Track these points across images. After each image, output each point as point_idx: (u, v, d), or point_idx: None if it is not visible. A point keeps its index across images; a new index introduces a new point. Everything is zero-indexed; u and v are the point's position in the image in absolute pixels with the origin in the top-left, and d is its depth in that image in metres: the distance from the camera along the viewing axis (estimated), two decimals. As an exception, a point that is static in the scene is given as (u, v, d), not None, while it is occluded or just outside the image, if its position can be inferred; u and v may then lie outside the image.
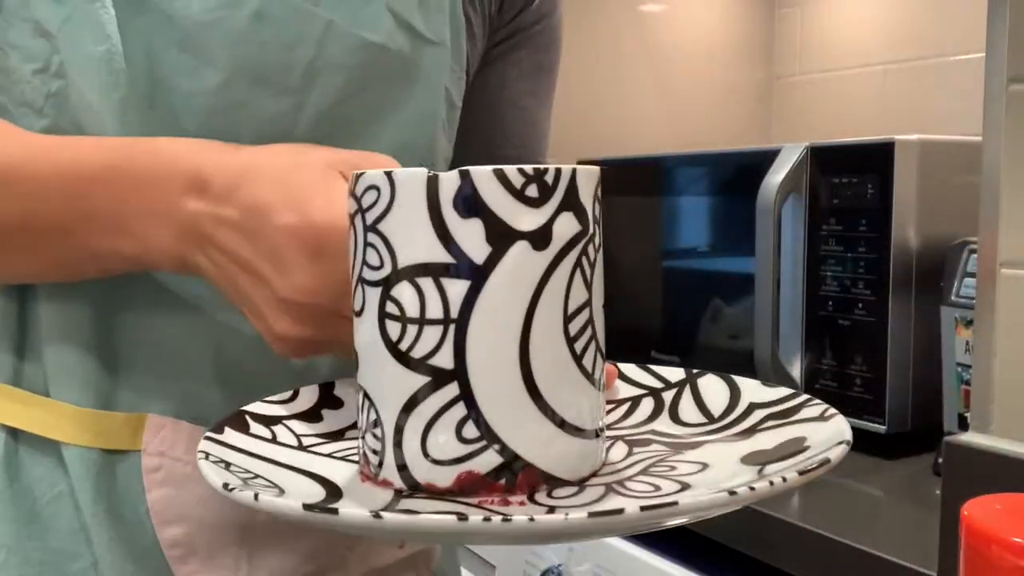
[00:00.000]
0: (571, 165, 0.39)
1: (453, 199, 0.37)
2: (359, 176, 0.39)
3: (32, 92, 0.55)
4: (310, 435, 0.47)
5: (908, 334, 1.06)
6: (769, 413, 0.46)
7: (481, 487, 0.38)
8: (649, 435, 0.47)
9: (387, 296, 0.38)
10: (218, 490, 0.37)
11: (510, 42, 0.70)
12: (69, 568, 0.58)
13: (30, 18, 0.55)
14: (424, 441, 0.38)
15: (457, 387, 0.37)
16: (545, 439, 0.39)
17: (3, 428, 0.59)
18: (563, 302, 0.39)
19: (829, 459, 0.37)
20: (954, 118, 1.49)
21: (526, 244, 0.37)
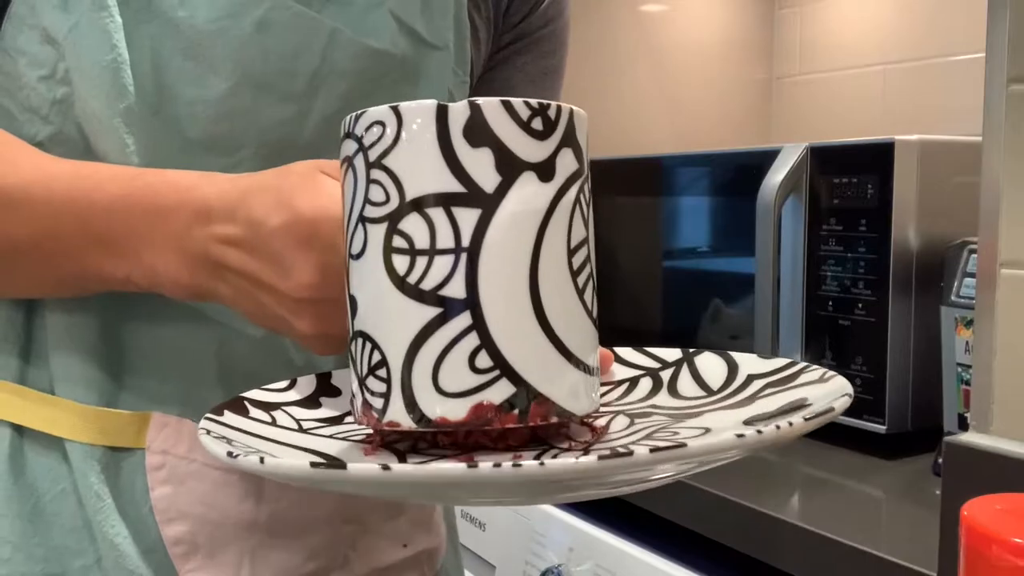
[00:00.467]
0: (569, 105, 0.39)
1: (463, 128, 0.37)
2: (360, 115, 0.39)
3: (38, 98, 0.56)
4: (309, 419, 0.47)
5: (908, 334, 1.06)
6: (768, 382, 0.46)
7: (495, 417, 0.38)
8: (649, 408, 0.47)
9: (394, 230, 0.38)
10: (221, 458, 0.36)
11: (515, 46, 0.70)
12: (73, 564, 0.58)
13: (37, 25, 0.55)
14: (436, 374, 0.37)
15: (470, 317, 0.37)
16: (554, 369, 0.39)
17: (8, 425, 0.59)
18: (567, 235, 0.39)
19: (833, 408, 0.37)
20: (954, 118, 1.49)
21: (533, 175, 0.38)
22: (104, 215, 0.52)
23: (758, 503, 0.91)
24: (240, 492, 0.59)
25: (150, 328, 0.58)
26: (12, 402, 0.59)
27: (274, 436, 0.44)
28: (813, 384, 0.43)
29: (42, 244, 0.53)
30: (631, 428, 0.45)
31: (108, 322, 0.58)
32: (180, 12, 0.54)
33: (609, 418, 0.47)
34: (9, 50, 0.56)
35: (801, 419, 0.35)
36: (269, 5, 0.56)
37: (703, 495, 0.96)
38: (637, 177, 1.44)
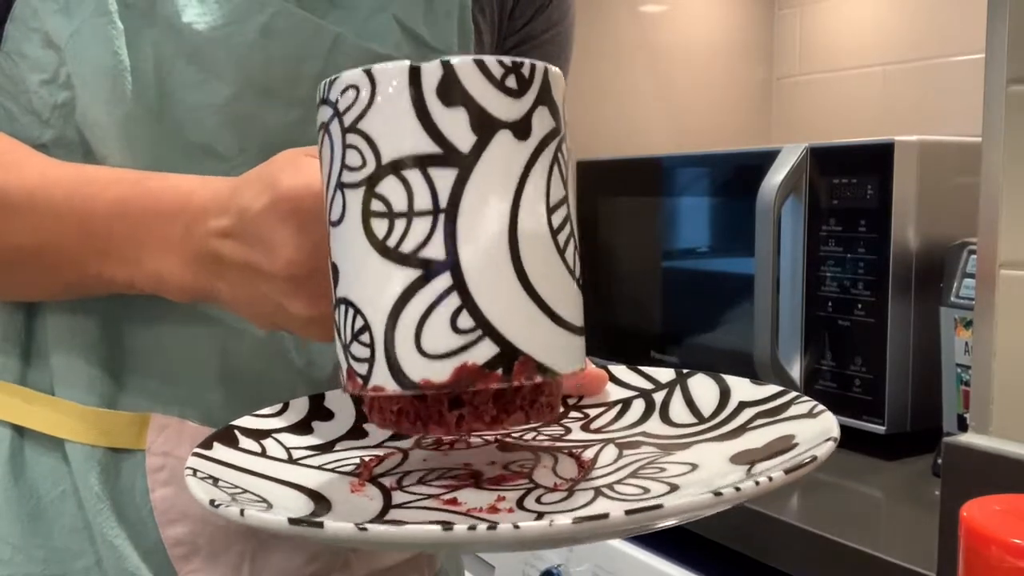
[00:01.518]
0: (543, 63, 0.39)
1: (436, 88, 0.37)
2: (333, 80, 0.38)
3: (39, 102, 0.56)
4: (300, 447, 0.47)
5: (907, 335, 1.06)
6: (759, 411, 0.46)
7: (479, 378, 0.37)
8: (640, 437, 0.47)
9: (371, 194, 0.37)
10: (205, 506, 0.36)
11: (519, 50, 0.70)
12: (73, 566, 0.58)
13: (39, 29, 0.55)
14: (419, 336, 0.37)
15: (450, 277, 0.37)
16: (537, 328, 0.38)
17: (9, 426, 0.59)
18: (545, 193, 0.38)
19: (816, 456, 0.36)
20: (954, 119, 1.49)
21: (509, 133, 0.37)
22: (106, 221, 0.52)
23: (757, 504, 0.91)
24: None
25: (151, 329, 0.58)
26: (13, 403, 0.59)
27: (262, 470, 0.43)
28: (802, 419, 0.43)
29: (45, 249, 0.53)
30: (618, 462, 0.44)
31: (109, 323, 0.58)
32: (184, 18, 0.54)
33: (598, 449, 0.46)
34: (11, 53, 0.56)
35: (781, 472, 0.35)
36: (273, 11, 0.56)
37: (702, 495, 0.96)
38: (637, 177, 1.44)
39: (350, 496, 0.42)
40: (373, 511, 0.40)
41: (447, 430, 0.39)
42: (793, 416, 0.44)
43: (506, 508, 0.39)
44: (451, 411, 0.39)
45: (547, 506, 0.40)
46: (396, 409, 0.40)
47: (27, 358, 0.59)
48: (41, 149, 0.57)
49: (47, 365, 0.59)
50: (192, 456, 0.42)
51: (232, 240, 0.47)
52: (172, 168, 0.55)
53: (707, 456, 0.43)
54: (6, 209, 0.53)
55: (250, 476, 0.42)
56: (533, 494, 0.41)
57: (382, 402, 0.40)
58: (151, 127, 0.55)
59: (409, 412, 0.40)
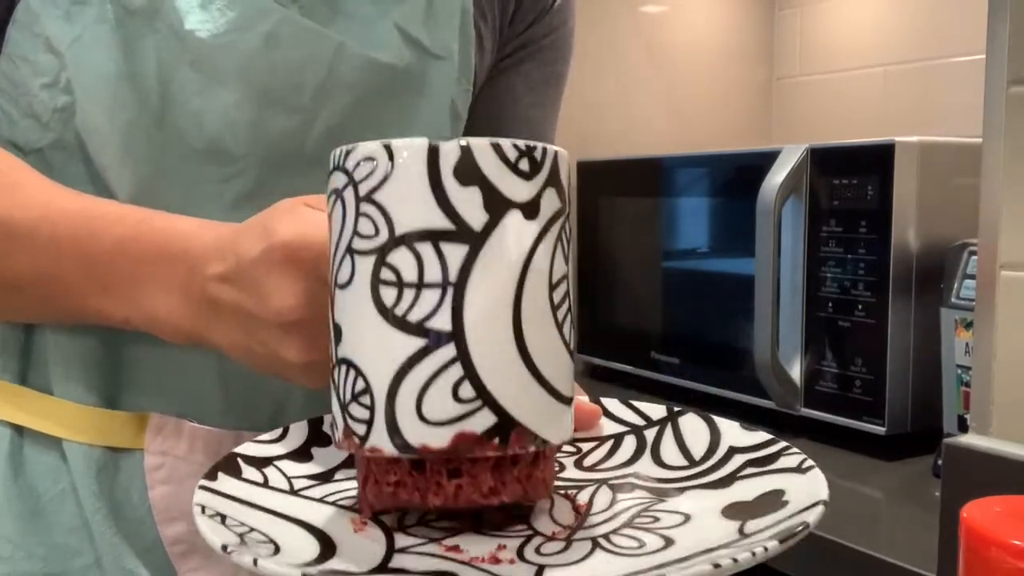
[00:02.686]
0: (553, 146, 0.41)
1: (453, 168, 0.38)
2: (350, 150, 0.40)
3: (40, 105, 0.56)
4: (301, 477, 0.48)
5: (908, 336, 1.06)
6: (748, 459, 0.47)
7: (476, 446, 0.39)
8: (632, 479, 0.48)
9: (382, 263, 0.39)
10: (217, 551, 0.37)
11: (520, 54, 0.70)
12: (72, 564, 0.58)
13: (41, 34, 0.55)
14: (420, 403, 0.38)
15: (454, 348, 0.38)
16: (534, 400, 0.40)
17: (8, 425, 0.59)
18: (549, 271, 0.40)
19: (807, 523, 0.38)
20: (954, 120, 1.49)
21: (519, 213, 0.39)
22: (107, 259, 0.52)
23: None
24: None
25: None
26: (12, 402, 0.59)
27: (267, 503, 0.44)
28: (791, 473, 0.44)
29: (44, 280, 0.54)
30: (612, 508, 0.45)
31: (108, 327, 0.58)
32: (186, 25, 0.54)
33: (592, 491, 0.47)
34: (13, 56, 0.56)
35: (776, 543, 0.36)
36: (277, 19, 0.56)
37: (702, 496, 0.96)
38: (637, 178, 1.44)
39: (353, 536, 0.42)
40: (377, 555, 0.40)
41: (445, 500, 0.40)
42: (783, 469, 0.45)
43: (507, 559, 0.40)
44: (449, 481, 0.40)
45: (547, 557, 0.40)
46: (394, 482, 0.41)
47: (26, 358, 0.59)
48: (40, 153, 0.57)
49: (46, 365, 0.59)
50: (199, 490, 0.43)
51: (228, 285, 0.47)
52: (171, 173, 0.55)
53: (699, 506, 0.44)
54: (8, 237, 0.53)
55: (255, 511, 0.43)
56: (532, 543, 0.42)
57: (377, 476, 0.41)
58: (152, 133, 0.55)
59: (407, 484, 0.41)
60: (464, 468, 0.40)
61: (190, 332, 0.51)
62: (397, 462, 0.40)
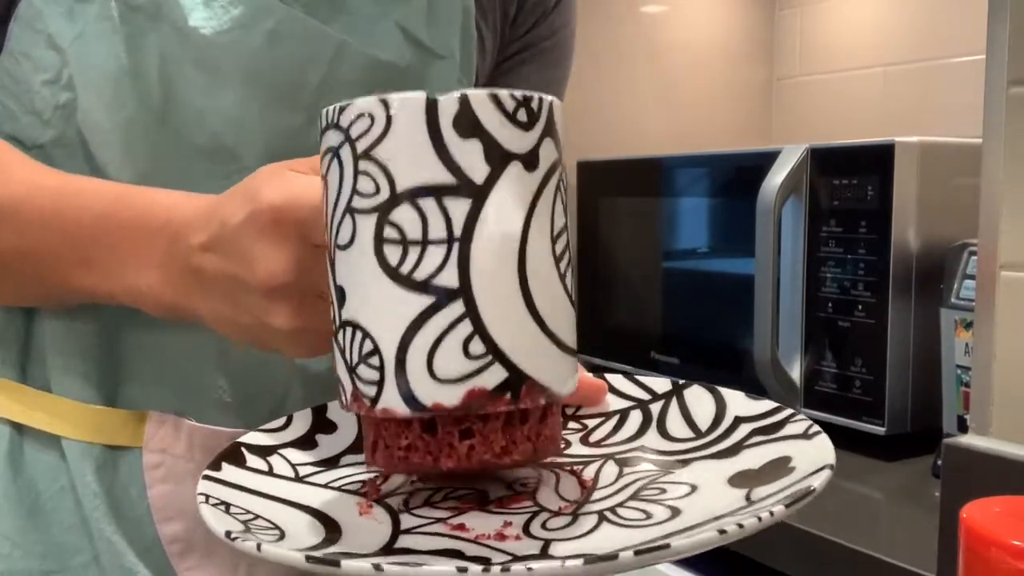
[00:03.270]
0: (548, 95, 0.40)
1: (453, 121, 0.37)
2: (345, 107, 0.39)
3: (41, 102, 0.56)
4: (306, 463, 0.48)
5: (908, 336, 1.06)
6: (754, 428, 0.46)
7: (488, 402, 0.38)
8: (638, 452, 0.48)
9: (385, 221, 0.38)
10: (221, 538, 0.37)
11: (521, 56, 0.70)
12: (71, 562, 0.58)
13: (43, 30, 0.55)
14: (431, 361, 0.38)
15: (463, 304, 0.38)
16: (541, 353, 0.39)
17: (7, 423, 0.59)
18: (550, 223, 0.40)
19: (813, 487, 0.38)
20: (954, 120, 1.49)
21: (519, 165, 0.38)
22: (89, 233, 0.52)
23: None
24: None
25: (148, 328, 0.58)
26: (11, 400, 0.59)
27: (271, 490, 0.44)
28: (797, 439, 0.44)
29: (27, 258, 0.54)
30: (619, 482, 0.45)
31: (107, 321, 0.58)
32: (190, 22, 0.55)
33: (598, 466, 0.47)
34: (15, 52, 0.56)
35: (782, 507, 0.36)
36: (280, 17, 0.56)
37: (702, 496, 0.96)
38: (637, 178, 1.44)
39: (359, 519, 0.42)
40: (383, 536, 0.40)
41: (458, 461, 0.40)
42: (789, 436, 0.44)
43: (513, 535, 0.40)
44: (461, 442, 0.40)
45: (553, 532, 0.40)
46: (405, 446, 0.40)
47: (25, 355, 0.60)
48: (41, 149, 0.57)
49: (44, 361, 0.59)
50: (203, 480, 0.43)
51: (211, 253, 0.47)
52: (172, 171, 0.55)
53: (705, 476, 0.44)
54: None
55: (260, 499, 0.43)
56: (538, 519, 0.42)
57: (387, 440, 0.41)
58: (153, 130, 0.55)
59: (419, 447, 0.40)
60: (476, 428, 0.40)
61: (172, 305, 0.50)
62: (408, 425, 0.40)
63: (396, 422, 0.40)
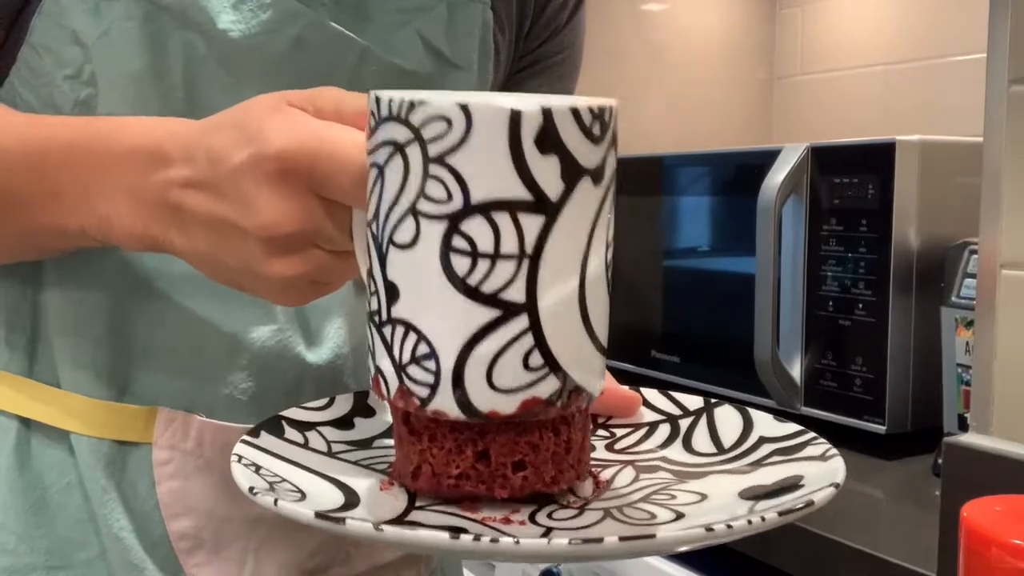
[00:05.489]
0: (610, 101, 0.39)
1: (535, 136, 0.37)
2: (418, 103, 0.37)
3: (61, 96, 0.56)
4: (340, 442, 0.48)
5: (908, 334, 1.06)
6: (776, 448, 0.47)
7: (541, 410, 0.39)
8: (659, 462, 0.48)
9: (455, 230, 0.37)
10: (245, 493, 0.38)
11: (531, 69, 0.71)
12: (77, 557, 0.59)
13: (67, 26, 0.55)
14: (490, 372, 0.38)
15: (527, 319, 0.38)
16: (590, 363, 0.40)
17: (15, 417, 0.59)
18: (607, 235, 0.40)
19: (813, 501, 0.38)
20: (955, 119, 1.49)
21: (589, 180, 0.38)
22: (56, 163, 0.50)
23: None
24: None
25: (158, 323, 0.58)
26: (19, 395, 0.59)
27: (302, 460, 0.45)
28: (813, 461, 0.44)
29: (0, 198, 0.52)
30: (633, 485, 0.46)
31: (116, 316, 0.58)
32: (219, 24, 0.55)
33: (617, 470, 0.47)
34: (36, 46, 0.56)
35: (775, 514, 0.36)
36: (306, 23, 0.56)
37: (703, 495, 0.96)
38: (638, 177, 1.44)
39: (378, 494, 0.43)
40: (396, 510, 0.41)
41: (511, 491, 0.41)
42: (806, 457, 0.45)
43: (518, 520, 0.41)
44: (515, 473, 0.41)
45: (556, 522, 0.41)
46: (456, 474, 0.41)
47: (33, 351, 0.60)
48: None
49: (53, 356, 0.59)
50: (240, 443, 0.43)
51: (197, 191, 0.45)
52: None
53: (718, 488, 0.44)
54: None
55: (291, 466, 0.44)
56: (546, 509, 0.42)
57: (436, 467, 0.41)
58: None
59: (471, 476, 0.41)
60: (528, 459, 0.40)
61: (143, 236, 0.48)
62: (460, 453, 0.40)
63: (446, 450, 0.40)
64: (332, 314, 0.62)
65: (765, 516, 0.36)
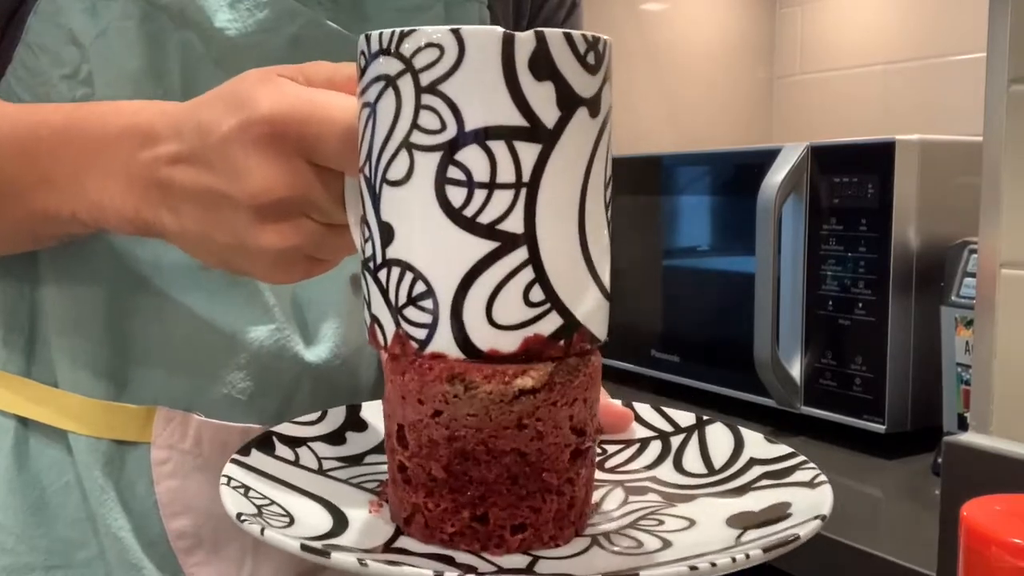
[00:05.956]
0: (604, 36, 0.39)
1: (528, 61, 0.36)
2: (408, 33, 0.37)
3: (57, 95, 0.56)
4: (331, 458, 0.48)
5: (908, 334, 1.06)
6: (766, 471, 0.46)
7: (544, 348, 0.38)
8: (648, 483, 0.48)
9: (450, 160, 0.36)
10: (232, 520, 0.38)
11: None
12: (75, 556, 0.59)
13: (64, 25, 0.55)
14: (490, 307, 0.37)
15: (526, 251, 0.37)
16: (591, 300, 0.39)
17: (13, 417, 0.59)
18: (604, 170, 0.39)
19: (798, 536, 0.38)
20: (955, 118, 1.49)
21: (586, 110, 0.37)
22: (48, 148, 0.50)
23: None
24: None
25: (156, 323, 0.58)
26: (17, 395, 0.59)
27: (292, 480, 0.44)
28: (801, 487, 0.44)
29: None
30: (622, 508, 0.45)
31: (114, 316, 0.58)
32: (215, 23, 0.55)
33: (606, 491, 0.47)
34: (32, 45, 0.56)
35: (760, 551, 0.36)
36: (303, 22, 0.56)
37: (702, 494, 0.96)
38: (638, 176, 1.44)
39: (367, 516, 0.42)
40: (385, 535, 0.41)
41: (507, 551, 0.39)
42: (795, 483, 0.44)
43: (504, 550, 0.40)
44: (513, 536, 0.39)
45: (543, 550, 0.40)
46: (451, 532, 0.39)
47: (31, 351, 0.60)
48: None
49: (50, 357, 0.59)
50: (229, 463, 0.43)
51: (187, 165, 0.44)
52: None
53: (706, 513, 0.44)
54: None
55: (279, 486, 0.43)
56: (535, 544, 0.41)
57: (430, 519, 0.40)
58: None
59: (466, 535, 0.39)
60: (529, 522, 0.39)
61: (134, 219, 0.47)
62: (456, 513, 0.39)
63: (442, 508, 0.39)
64: (330, 314, 0.62)
65: (749, 553, 0.36)
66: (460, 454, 0.38)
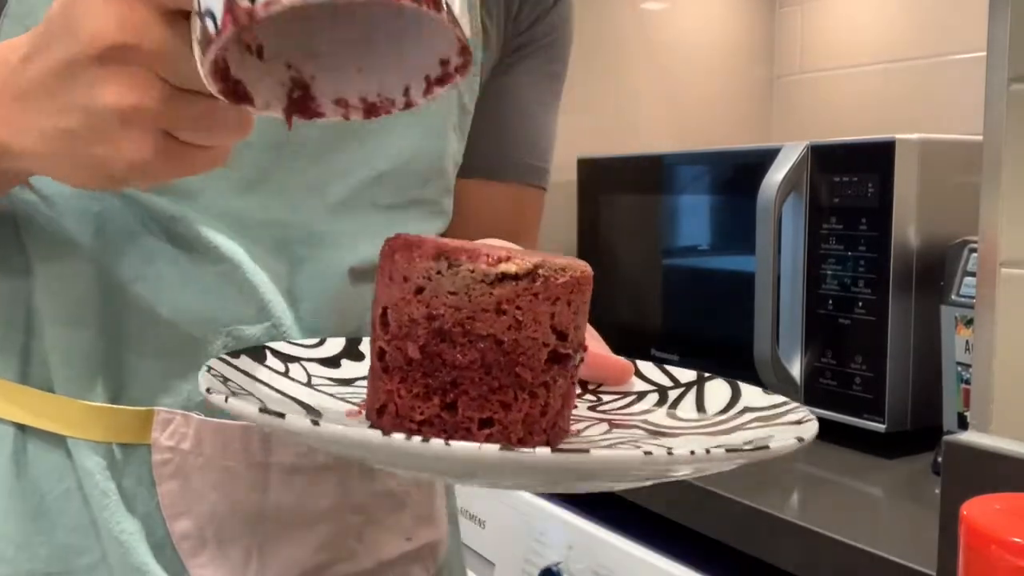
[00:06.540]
0: None
1: None
2: None
3: None
4: (322, 377, 0.48)
5: (908, 333, 1.06)
6: (757, 416, 0.46)
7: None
8: (638, 422, 0.48)
9: None
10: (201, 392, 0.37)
11: (522, 52, 0.72)
12: (77, 563, 0.58)
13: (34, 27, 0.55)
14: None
15: None
16: None
17: (11, 424, 0.59)
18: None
19: (768, 446, 0.37)
20: (955, 117, 1.49)
21: None
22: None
23: (757, 501, 0.91)
24: (247, 484, 0.59)
25: (151, 324, 0.58)
26: (14, 401, 0.59)
27: (276, 384, 0.44)
28: (789, 425, 0.43)
29: None
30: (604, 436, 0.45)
31: (107, 314, 0.58)
32: None
33: (589, 424, 0.47)
34: None
35: (723, 451, 0.35)
36: None
37: (702, 493, 0.96)
38: (638, 175, 1.44)
39: (342, 418, 0.42)
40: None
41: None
42: (783, 422, 0.44)
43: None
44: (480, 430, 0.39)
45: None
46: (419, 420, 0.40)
47: (27, 356, 0.59)
48: None
49: (46, 363, 0.59)
50: (215, 359, 0.43)
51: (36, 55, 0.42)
52: None
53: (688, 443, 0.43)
54: None
55: (263, 387, 0.43)
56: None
57: (400, 407, 0.40)
58: None
59: (434, 423, 0.40)
60: (497, 418, 0.39)
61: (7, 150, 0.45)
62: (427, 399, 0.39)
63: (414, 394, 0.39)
64: (326, 308, 0.62)
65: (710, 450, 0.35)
66: (438, 334, 0.39)
